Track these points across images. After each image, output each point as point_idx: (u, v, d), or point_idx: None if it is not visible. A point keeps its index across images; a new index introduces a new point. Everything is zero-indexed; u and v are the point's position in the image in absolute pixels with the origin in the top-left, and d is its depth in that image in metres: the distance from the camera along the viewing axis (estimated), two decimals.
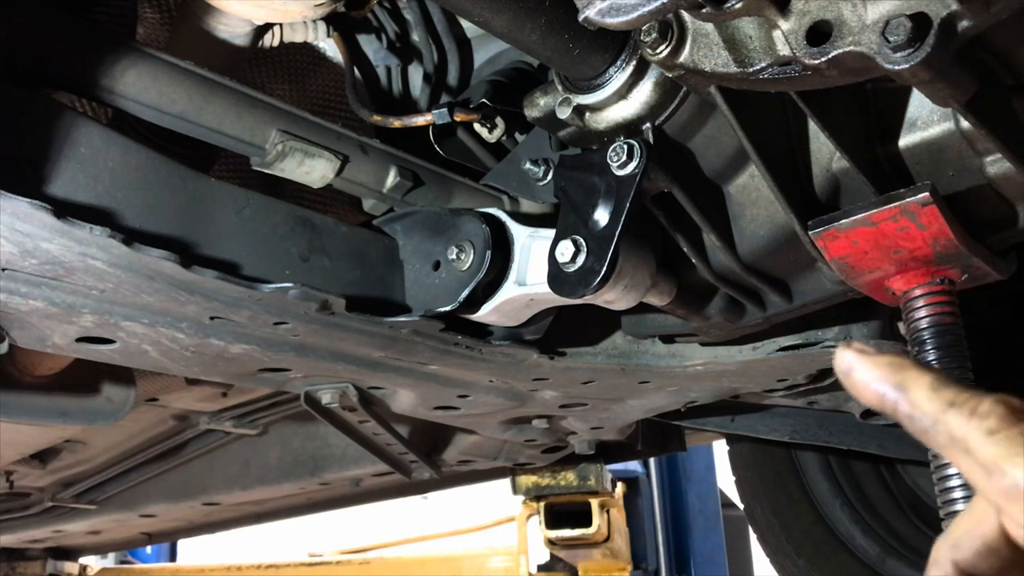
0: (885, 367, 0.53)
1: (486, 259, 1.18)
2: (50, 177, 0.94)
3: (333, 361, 1.34)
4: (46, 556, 3.33)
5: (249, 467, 2.35)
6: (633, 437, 2.22)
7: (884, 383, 0.52)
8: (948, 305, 0.98)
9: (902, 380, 0.52)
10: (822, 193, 1.08)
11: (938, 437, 0.50)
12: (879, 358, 0.53)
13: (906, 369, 0.52)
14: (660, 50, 0.89)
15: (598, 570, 3.15)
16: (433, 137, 1.36)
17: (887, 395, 0.52)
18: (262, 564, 3.70)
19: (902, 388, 0.52)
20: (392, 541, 5.17)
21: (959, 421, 0.49)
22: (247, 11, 1.15)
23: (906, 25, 0.72)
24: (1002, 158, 0.95)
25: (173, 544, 6.36)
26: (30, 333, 1.12)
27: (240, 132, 1.10)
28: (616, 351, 1.51)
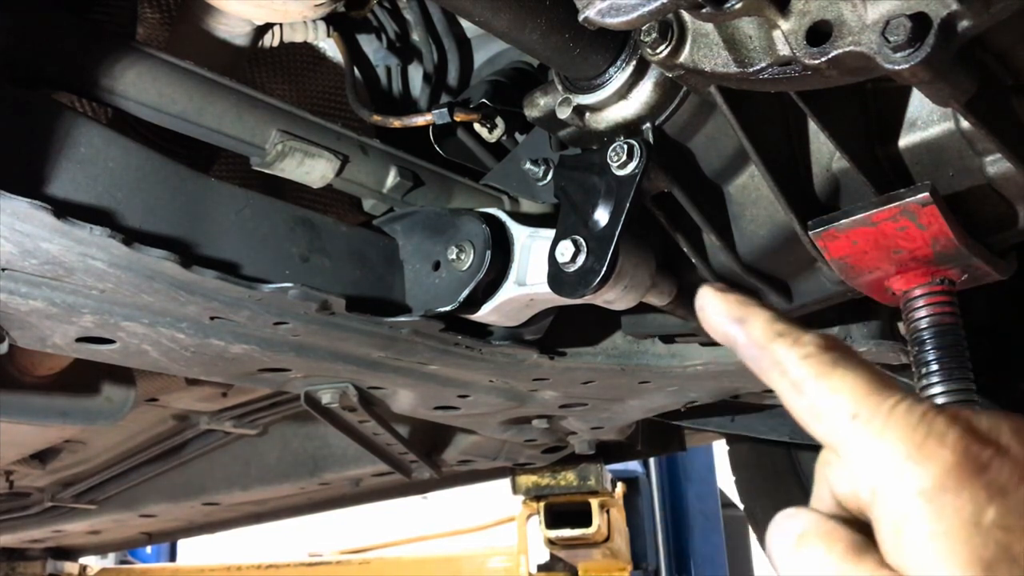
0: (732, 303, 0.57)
1: (486, 259, 1.18)
2: (50, 177, 0.94)
3: (333, 361, 1.34)
4: (46, 556, 3.33)
5: (249, 467, 2.35)
6: (633, 437, 2.22)
7: (728, 317, 0.57)
8: (948, 305, 0.98)
9: (744, 314, 0.57)
10: (822, 193, 1.08)
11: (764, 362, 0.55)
12: (729, 295, 0.58)
13: (749, 305, 0.57)
14: (660, 50, 0.89)
15: (598, 570, 3.15)
16: (433, 137, 1.36)
17: (729, 328, 0.57)
18: (262, 564, 3.70)
19: (742, 321, 0.56)
20: (392, 541, 5.17)
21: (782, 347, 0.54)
22: (247, 11, 1.15)
23: (906, 25, 0.72)
24: (1002, 158, 0.95)
25: (173, 544, 6.36)
26: (30, 333, 1.12)
27: (240, 132, 1.10)
28: (616, 351, 1.51)
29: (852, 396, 0.51)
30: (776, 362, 0.54)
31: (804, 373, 0.53)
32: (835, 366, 0.52)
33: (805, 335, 0.54)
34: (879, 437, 0.49)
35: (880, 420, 0.49)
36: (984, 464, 0.47)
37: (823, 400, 0.52)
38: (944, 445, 0.47)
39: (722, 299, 0.57)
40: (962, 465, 0.47)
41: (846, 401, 0.51)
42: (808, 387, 0.52)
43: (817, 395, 0.52)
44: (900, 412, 0.49)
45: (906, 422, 0.49)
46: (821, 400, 0.52)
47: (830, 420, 0.51)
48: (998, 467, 0.47)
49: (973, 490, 0.46)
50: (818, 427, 0.52)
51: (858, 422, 0.50)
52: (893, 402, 0.50)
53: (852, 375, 0.52)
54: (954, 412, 0.50)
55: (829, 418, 0.51)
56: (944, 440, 0.48)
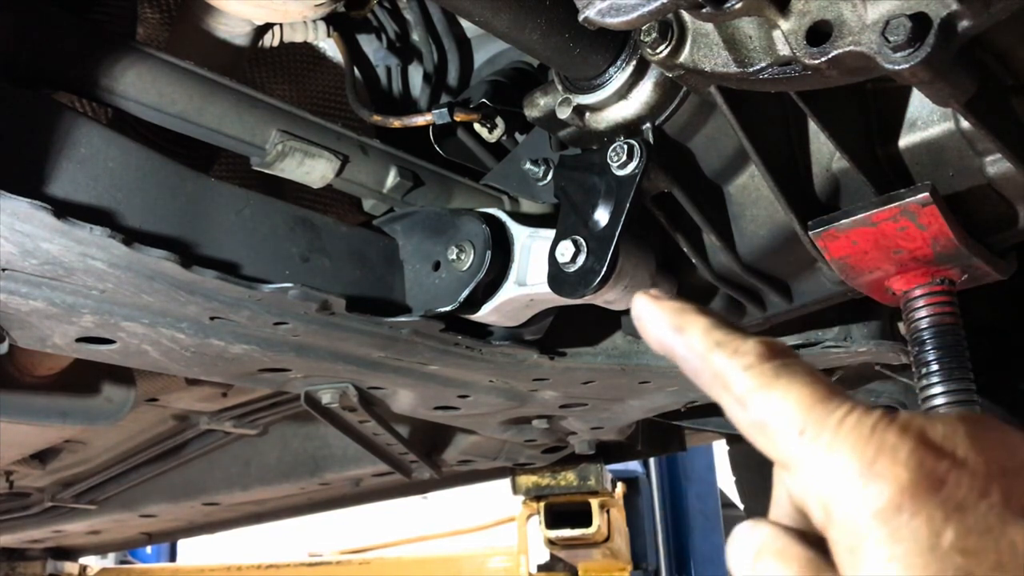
0: (669, 310, 0.54)
1: (486, 259, 1.18)
2: (50, 177, 0.94)
3: (333, 361, 1.34)
4: (46, 556, 3.33)
5: (249, 467, 2.35)
6: (633, 437, 2.22)
7: (665, 326, 0.54)
8: (948, 305, 0.98)
9: (681, 323, 0.54)
10: (822, 193, 1.08)
11: (704, 375, 0.52)
12: (666, 303, 0.55)
13: (687, 313, 0.54)
14: (660, 50, 0.89)
15: (598, 570, 3.15)
16: (433, 137, 1.36)
17: (665, 337, 0.54)
18: (262, 564, 3.70)
19: (680, 330, 0.53)
20: (392, 541, 5.18)
21: (721, 358, 0.51)
22: (247, 11, 1.15)
23: (906, 25, 0.72)
24: (1002, 158, 0.95)
25: (173, 544, 6.36)
26: (30, 333, 1.12)
27: (240, 132, 1.10)
28: (616, 351, 1.51)
29: (797, 409, 0.48)
30: (716, 374, 0.51)
31: (746, 386, 0.50)
32: (777, 376, 0.49)
33: (746, 343, 0.51)
34: (828, 454, 0.46)
35: (828, 435, 0.47)
36: (940, 479, 0.44)
37: (767, 414, 0.49)
38: (897, 461, 0.45)
39: (658, 307, 0.55)
40: (917, 482, 0.44)
41: (791, 415, 0.48)
42: (751, 401, 0.49)
43: (761, 409, 0.49)
44: (849, 425, 0.47)
45: (856, 436, 0.46)
46: (765, 414, 0.49)
47: (776, 436, 0.49)
48: (955, 481, 0.44)
49: (929, 509, 0.43)
50: (765, 443, 0.49)
51: (805, 438, 0.47)
52: (841, 414, 0.47)
53: (796, 385, 0.49)
54: (906, 421, 0.47)
55: (775, 434, 0.49)
56: (897, 455, 0.45)
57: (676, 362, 0.54)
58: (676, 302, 0.55)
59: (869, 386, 1.79)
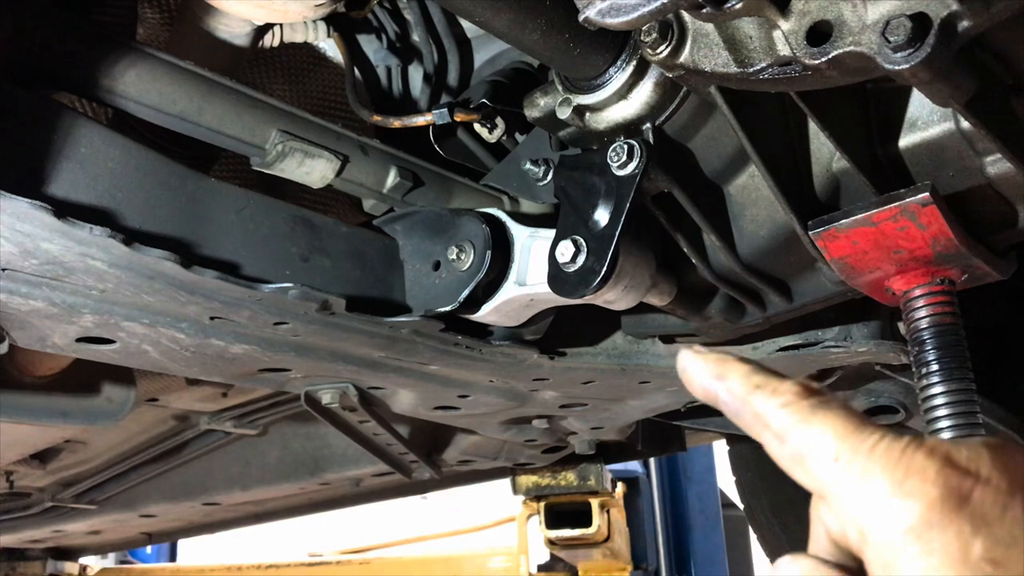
0: (712, 361, 0.59)
1: (486, 259, 1.18)
2: (50, 177, 0.94)
3: (333, 361, 1.34)
4: (46, 556, 3.33)
5: (249, 467, 2.35)
6: (633, 437, 2.22)
7: (708, 375, 0.59)
8: (948, 305, 0.98)
9: (722, 371, 0.58)
10: (822, 193, 1.08)
11: (745, 416, 0.57)
12: (708, 355, 0.59)
13: (727, 362, 0.59)
14: (660, 50, 0.89)
15: (598, 570, 3.15)
16: (433, 137, 1.36)
17: (709, 386, 0.58)
18: (262, 564, 3.70)
19: (721, 378, 0.58)
20: (392, 541, 5.17)
21: (761, 399, 0.56)
22: (247, 11, 1.15)
23: (906, 25, 0.72)
24: (1002, 158, 0.95)
25: (173, 544, 6.36)
26: (30, 333, 1.12)
27: (240, 132, 1.10)
28: (616, 351, 1.51)
29: (832, 439, 0.52)
30: (757, 415, 0.55)
31: (785, 422, 0.54)
32: (814, 412, 0.53)
33: (783, 384, 0.55)
34: (861, 477, 0.50)
35: (861, 460, 0.50)
36: (966, 496, 0.47)
37: (804, 445, 0.53)
38: (926, 480, 0.48)
39: (701, 359, 0.59)
40: (945, 499, 0.47)
41: (827, 444, 0.52)
42: (789, 435, 0.53)
43: (798, 441, 0.53)
44: (880, 450, 0.50)
45: (887, 459, 0.49)
46: (802, 446, 0.53)
47: (813, 465, 0.52)
48: (980, 498, 0.47)
49: (958, 524, 0.46)
50: (802, 474, 0.53)
51: (840, 464, 0.51)
52: (873, 441, 0.51)
53: (831, 418, 0.53)
54: (933, 445, 0.50)
55: (812, 463, 0.52)
56: (925, 475, 0.48)
57: (718, 407, 0.58)
58: (717, 353, 0.59)
59: (869, 386, 1.79)
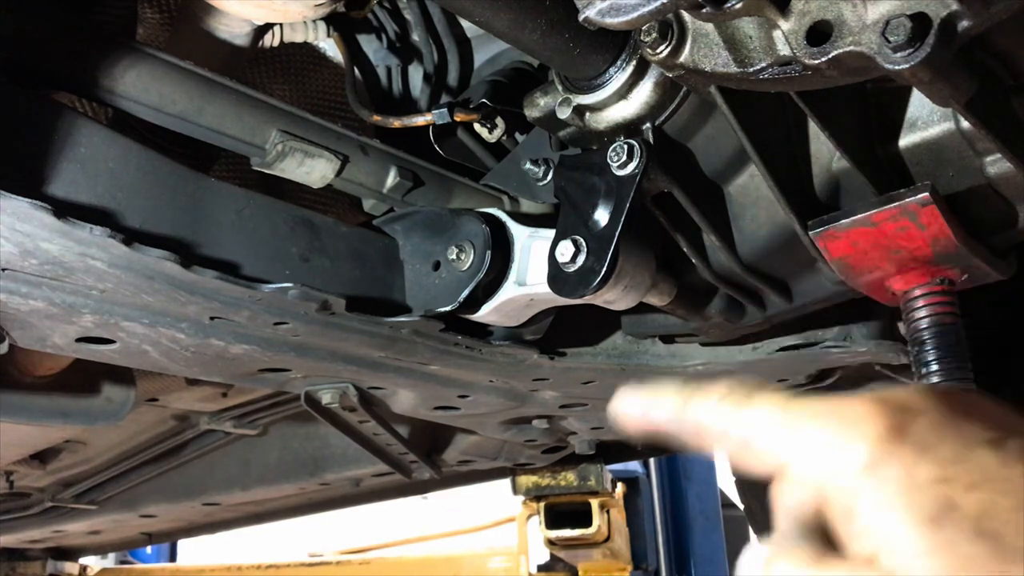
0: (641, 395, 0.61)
1: (486, 259, 1.18)
2: (50, 177, 0.94)
3: (333, 361, 1.34)
4: (46, 556, 3.33)
5: (249, 467, 2.35)
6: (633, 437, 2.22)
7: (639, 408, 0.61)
8: (948, 305, 0.98)
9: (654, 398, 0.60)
10: (822, 193, 1.08)
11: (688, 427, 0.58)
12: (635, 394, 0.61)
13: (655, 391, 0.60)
14: (660, 50, 0.89)
15: (598, 570, 3.15)
16: (433, 137, 1.36)
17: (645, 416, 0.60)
18: (262, 564, 3.70)
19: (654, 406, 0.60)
20: (392, 541, 5.17)
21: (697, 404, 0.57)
22: (247, 11, 1.15)
23: (906, 25, 0.72)
24: (1002, 158, 0.95)
25: (173, 544, 6.36)
26: (30, 333, 1.12)
27: (240, 132, 1.10)
28: (616, 351, 1.51)
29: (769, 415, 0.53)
30: (699, 422, 0.57)
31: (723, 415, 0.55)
32: (749, 397, 0.55)
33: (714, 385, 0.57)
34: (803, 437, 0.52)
35: (802, 420, 0.52)
36: (903, 427, 0.49)
37: (747, 429, 0.54)
38: (864, 418, 0.50)
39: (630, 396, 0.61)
40: (885, 434, 0.49)
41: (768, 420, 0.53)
42: (730, 427, 0.55)
43: (741, 428, 0.54)
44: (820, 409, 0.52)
45: (827, 414, 0.52)
46: (745, 429, 0.54)
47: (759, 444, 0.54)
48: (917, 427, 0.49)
49: (900, 453, 0.48)
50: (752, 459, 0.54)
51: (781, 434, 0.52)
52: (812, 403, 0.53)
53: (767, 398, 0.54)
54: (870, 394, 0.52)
55: (758, 442, 0.54)
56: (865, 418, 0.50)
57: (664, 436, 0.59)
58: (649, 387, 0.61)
59: (869, 386, 1.79)
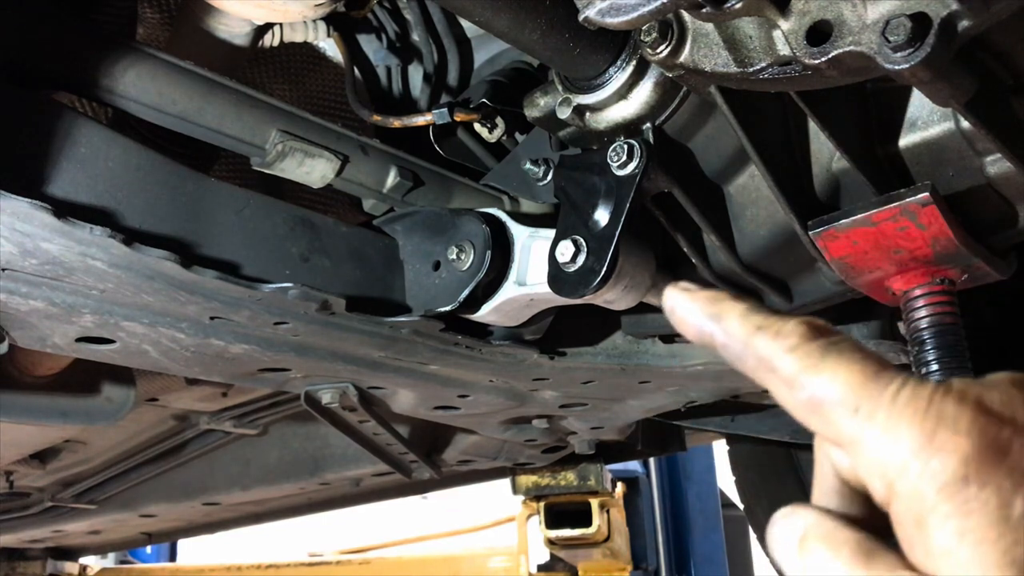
0: (703, 300, 0.54)
1: (486, 259, 1.18)
2: (50, 177, 0.94)
3: (333, 361, 1.34)
4: (46, 556, 3.33)
5: (249, 467, 2.35)
6: (633, 437, 2.22)
7: (702, 315, 0.53)
8: (948, 305, 0.98)
9: (718, 311, 0.53)
10: (822, 193, 1.08)
11: (748, 361, 0.51)
12: (699, 293, 0.54)
13: (722, 301, 0.53)
14: (660, 50, 0.89)
15: (598, 570, 3.15)
16: (433, 137, 1.36)
17: (703, 326, 0.53)
18: (262, 564, 3.70)
19: (717, 318, 0.53)
20: (392, 541, 5.17)
21: (764, 341, 0.50)
22: (247, 11, 1.15)
23: (906, 25, 0.72)
24: (1002, 158, 0.95)
25: (173, 544, 6.36)
26: (30, 333, 1.12)
27: (240, 132, 1.10)
28: (616, 351, 1.51)
29: (849, 387, 0.47)
30: (761, 359, 0.50)
31: (793, 367, 0.49)
32: (825, 355, 0.48)
33: (787, 324, 0.50)
34: (886, 429, 0.45)
35: (884, 411, 0.45)
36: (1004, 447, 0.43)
37: (819, 394, 0.48)
38: (958, 431, 0.43)
39: (691, 297, 0.54)
40: (981, 452, 0.43)
41: (844, 394, 0.47)
42: (800, 382, 0.48)
43: (812, 389, 0.48)
44: (904, 399, 0.45)
45: (913, 410, 0.45)
46: (817, 394, 0.48)
47: (831, 416, 0.47)
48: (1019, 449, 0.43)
49: (997, 480, 0.42)
50: (819, 423, 0.48)
51: (861, 415, 0.46)
52: (895, 389, 0.46)
53: (845, 363, 0.48)
54: (961, 390, 0.45)
55: (829, 414, 0.47)
56: (957, 425, 0.43)
57: (717, 350, 0.53)
58: (709, 291, 0.54)
59: None
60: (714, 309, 0.53)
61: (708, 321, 0.53)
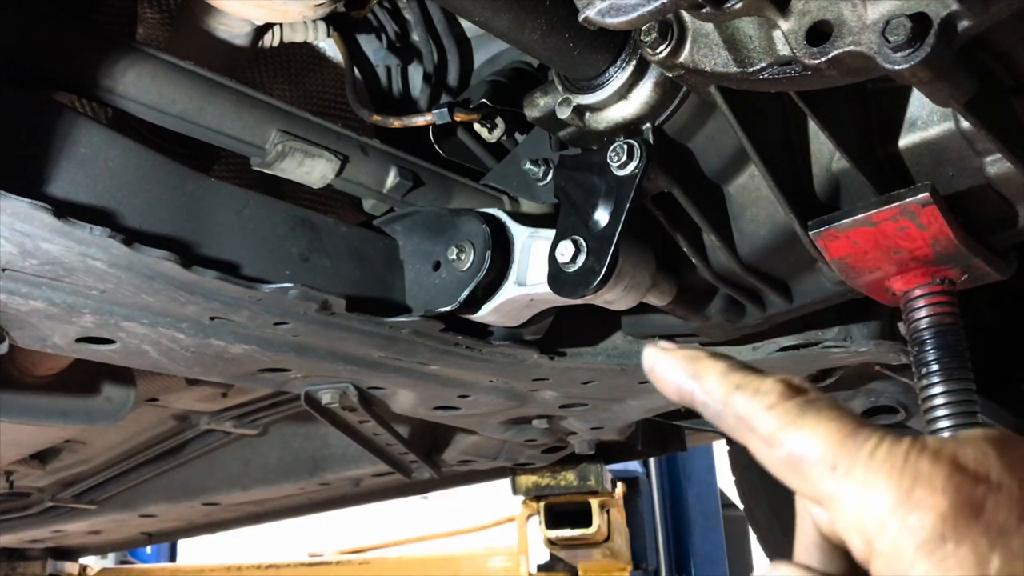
0: (682, 359, 0.55)
1: (486, 259, 1.18)
2: (50, 177, 0.94)
3: (333, 361, 1.34)
4: (46, 556, 3.33)
5: (249, 467, 2.35)
6: (633, 437, 2.22)
7: (681, 374, 0.55)
8: (948, 305, 0.98)
9: (697, 369, 0.54)
10: (822, 193, 1.08)
11: (728, 420, 0.53)
12: (678, 352, 0.56)
13: (700, 360, 0.55)
14: (660, 50, 0.89)
15: (598, 570, 3.15)
16: (433, 137, 1.36)
17: (683, 385, 0.55)
18: (262, 564, 3.70)
19: (696, 377, 0.54)
20: (392, 541, 5.17)
21: (743, 400, 0.52)
22: (247, 11, 1.15)
23: (906, 25, 0.72)
24: (1002, 158, 0.95)
25: (173, 544, 6.36)
26: (30, 333, 1.12)
27: (240, 132, 1.10)
28: (616, 351, 1.51)
29: (827, 444, 0.48)
30: (740, 418, 0.52)
31: (772, 425, 0.50)
32: (803, 414, 0.49)
33: (765, 382, 0.52)
34: (864, 487, 0.46)
35: (861, 467, 0.46)
36: (979, 505, 0.44)
37: (797, 451, 0.49)
38: (934, 489, 0.44)
39: (671, 356, 0.56)
40: (957, 509, 0.44)
41: (822, 451, 0.48)
42: (779, 440, 0.50)
43: (790, 447, 0.49)
44: (881, 456, 0.46)
45: (890, 466, 0.46)
46: (795, 452, 0.49)
47: (809, 474, 0.48)
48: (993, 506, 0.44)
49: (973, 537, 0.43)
50: (797, 481, 0.49)
51: (838, 473, 0.47)
52: (871, 446, 0.47)
53: (824, 421, 0.49)
54: (936, 448, 0.46)
55: (808, 472, 0.48)
56: (933, 483, 0.44)
57: (695, 408, 0.55)
58: (687, 350, 0.56)
59: (869, 386, 1.79)
60: (693, 368, 0.55)
61: (688, 380, 0.55)
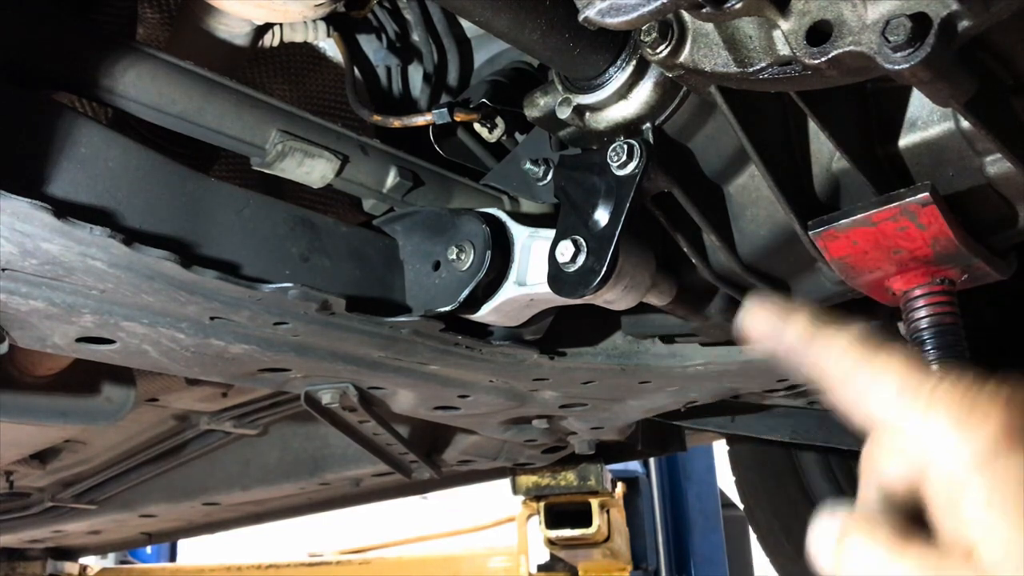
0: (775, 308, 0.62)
1: (486, 259, 1.18)
2: (50, 177, 0.94)
3: (333, 361, 1.34)
4: (46, 556, 3.33)
5: (249, 467, 2.35)
6: (633, 437, 2.22)
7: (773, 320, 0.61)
8: (948, 305, 0.98)
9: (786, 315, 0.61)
10: (822, 193, 1.08)
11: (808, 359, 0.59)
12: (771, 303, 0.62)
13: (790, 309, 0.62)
14: (660, 50, 0.89)
15: (598, 570, 3.15)
16: (433, 137, 1.36)
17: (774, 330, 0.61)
18: (262, 564, 3.70)
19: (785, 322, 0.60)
20: (392, 541, 5.17)
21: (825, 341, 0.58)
22: (247, 11, 1.15)
23: (906, 25, 0.72)
24: (1002, 158, 0.95)
25: (173, 544, 6.36)
26: (30, 333, 1.12)
27: (240, 132, 1.10)
28: (616, 351, 1.51)
29: (897, 376, 0.53)
30: (822, 361, 0.57)
31: (848, 362, 0.55)
32: (878, 352, 0.55)
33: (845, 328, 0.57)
34: (925, 412, 0.51)
35: (924, 396, 0.51)
36: None
37: (867, 383, 0.54)
38: (989, 415, 0.49)
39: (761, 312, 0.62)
40: (1009, 430, 0.48)
41: (891, 381, 0.53)
42: (854, 374, 0.55)
43: (861, 380, 0.54)
44: (944, 388, 0.51)
45: (951, 395, 0.51)
46: (865, 384, 0.54)
47: (876, 400, 0.54)
48: None
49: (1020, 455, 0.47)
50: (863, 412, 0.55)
51: (904, 399, 0.52)
52: (935, 380, 0.52)
53: (896, 359, 0.54)
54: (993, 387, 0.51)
55: (875, 399, 0.54)
56: (989, 409, 0.49)
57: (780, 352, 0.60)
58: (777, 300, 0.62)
59: None
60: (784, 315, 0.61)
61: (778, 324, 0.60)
